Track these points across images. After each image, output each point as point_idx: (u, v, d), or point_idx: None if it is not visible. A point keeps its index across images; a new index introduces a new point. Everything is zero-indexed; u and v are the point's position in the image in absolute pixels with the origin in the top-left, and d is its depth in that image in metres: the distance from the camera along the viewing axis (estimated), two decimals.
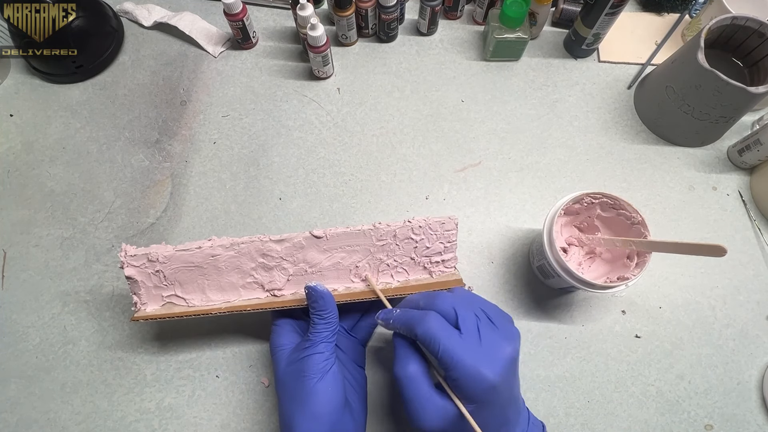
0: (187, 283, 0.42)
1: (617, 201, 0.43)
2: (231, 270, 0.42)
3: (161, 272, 0.41)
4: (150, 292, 0.42)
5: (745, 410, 0.47)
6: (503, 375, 0.33)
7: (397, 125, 0.59)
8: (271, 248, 0.42)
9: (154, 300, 0.42)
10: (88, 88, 0.61)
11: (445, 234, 0.43)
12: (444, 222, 0.43)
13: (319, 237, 0.42)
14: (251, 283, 0.43)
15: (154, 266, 0.41)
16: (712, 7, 0.59)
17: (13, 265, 0.52)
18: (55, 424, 0.46)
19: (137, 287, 0.42)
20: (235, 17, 0.58)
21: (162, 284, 0.42)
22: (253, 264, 0.42)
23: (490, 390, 0.32)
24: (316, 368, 0.37)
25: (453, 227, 0.43)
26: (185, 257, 0.41)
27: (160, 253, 0.41)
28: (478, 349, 0.33)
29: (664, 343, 0.49)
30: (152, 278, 0.42)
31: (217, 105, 0.60)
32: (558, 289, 0.50)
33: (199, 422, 0.46)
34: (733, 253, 0.53)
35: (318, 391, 0.36)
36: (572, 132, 0.59)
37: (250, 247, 0.42)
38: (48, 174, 0.56)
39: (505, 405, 0.34)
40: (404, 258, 0.44)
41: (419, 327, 0.33)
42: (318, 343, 0.38)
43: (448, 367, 0.32)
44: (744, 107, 0.51)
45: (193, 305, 0.42)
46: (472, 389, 0.32)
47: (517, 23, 0.57)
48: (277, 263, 0.42)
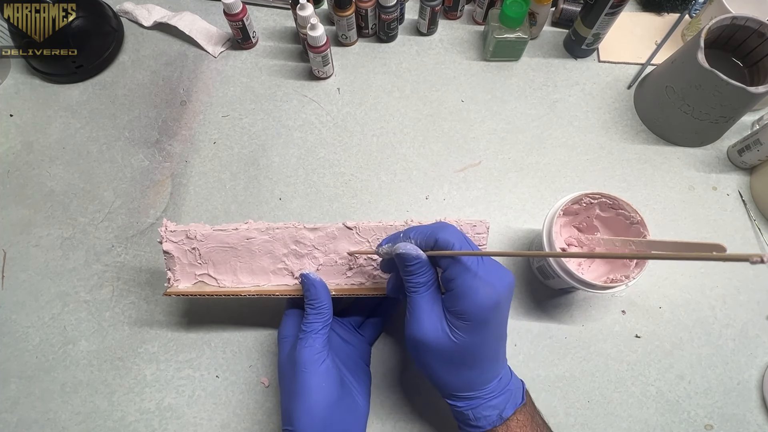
0: (220, 264, 0.43)
1: (616, 201, 0.43)
2: (263, 254, 0.43)
3: (197, 250, 0.42)
4: (184, 269, 0.43)
5: (745, 410, 0.47)
6: (506, 297, 0.34)
7: (397, 125, 0.59)
8: (305, 236, 0.42)
9: (187, 277, 0.43)
10: (88, 88, 0.61)
11: (476, 237, 0.43)
12: (475, 225, 0.43)
13: (351, 228, 0.42)
14: (281, 269, 0.43)
15: (192, 243, 0.42)
16: (712, 7, 0.59)
17: (13, 265, 0.52)
18: (55, 424, 0.46)
19: (173, 263, 0.42)
20: (235, 17, 0.58)
21: (197, 262, 0.43)
22: (285, 250, 0.43)
23: (494, 307, 0.33)
24: (309, 361, 0.37)
25: (484, 230, 0.43)
26: (221, 237, 0.42)
27: (198, 231, 0.42)
28: (486, 268, 0.34)
29: (664, 343, 0.49)
30: (188, 255, 0.42)
31: (217, 105, 0.60)
32: (558, 289, 0.50)
33: (199, 422, 0.46)
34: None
35: (311, 386, 0.37)
36: (572, 132, 0.59)
37: (284, 233, 0.42)
38: (48, 174, 0.56)
39: (497, 336, 0.35)
40: None
41: (441, 233, 0.33)
42: (309, 335, 0.38)
43: (458, 275, 0.33)
44: (744, 107, 0.51)
45: (224, 286, 0.43)
46: (477, 303, 0.32)
47: (517, 23, 0.57)
48: (308, 251, 0.43)
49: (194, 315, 0.50)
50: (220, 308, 0.50)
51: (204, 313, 0.50)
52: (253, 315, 0.50)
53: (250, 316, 0.50)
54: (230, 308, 0.50)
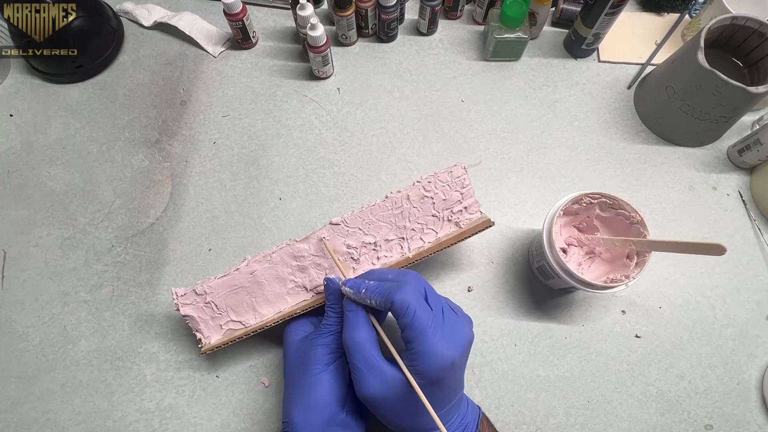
0: (237, 306, 0.44)
1: (616, 201, 0.43)
2: (272, 281, 0.43)
3: (212, 303, 0.43)
4: (208, 324, 0.44)
5: (745, 410, 0.47)
6: (462, 355, 0.34)
7: (397, 125, 0.59)
8: (300, 249, 0.43)
9: (214, 330, 0.44)
10: (88, 88, 0.61)
11: (457, 181, 0.43)
12: (452, 170, 0.43)
13: (337, 224, 0.42)
14: (294, 288, 0.44)
15: (204, 298, 0.43)
16: (712, 7, 0.59)
17: (13, 265, 0.52)
18: (55, 424, 0.46)
19: (196, 323, 0.43)
20: (235, 17, 0.58)
21: (216, 313, 0.43)
22: (288, 269, 0.43)
23: (449, 367, 0.33)
24: (321, 359, 0.37)
25: (462, 172, 0.43)
26: (227, 282, 0.43)
27: (204, 286, 0.43)
28: (443, 326, 0.34)
29: (664, 343, 0.49)
30: (206, 311, 0.43)
31: (217, 105, 0.60)
32: (558, 289, 0.50)
33: (199, 422, 0.46)
34: (733, 253, 0.53)
35: (320, 382, 0.37)
36: (572, 132, 0.59)
37: (281, 253, 0.43)
38: (48, 174, 0.56)
39: (454, 387, 0.35)
40: (427, 217, 0.44)
41: (397, 294, 0.33)
42: (326, 335, 0.38)
43: (415, 338, 0.33)
44: (744, 107, 0.51)
45: (249, 324, 0.44)
46: (432, 364, 0.32)
47: (517, 23, 0.57)
48: (310, 261, 0.43)
49: None
50: None
51: None
52: None
53: None
54: None
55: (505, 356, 0.48)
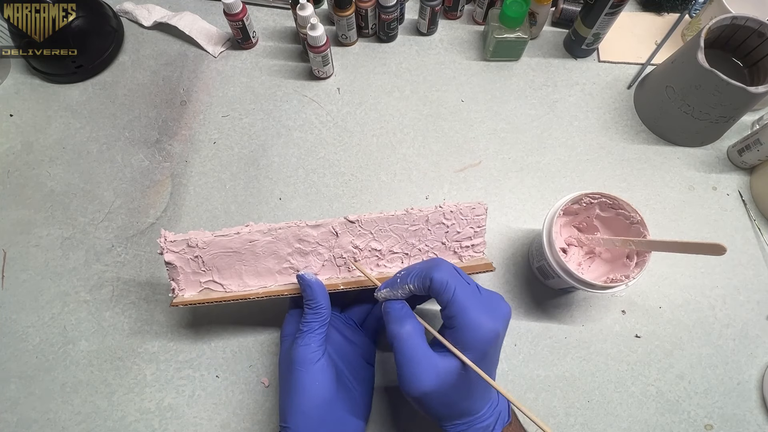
0: (224, 269, 0.42)
1: (616, 201, 0.43)
2: (268, 255, 0.42)
3: (200, 258, 0.42)
4: (188, 278, 0.42)
5: (745, 410, 0.47)
6: (504, 328, 0.34)
7: (397, 125, 0.59)
8: (308, 233, 0.42)
9: (192, 286, 0.43)
10: (88, 88, 0.61)
11: (475, 219, 0.44)
12: (474, 207, 0.43)
13: (353, 222, 0.42)
14: (287, 269, 0.43)
15: (193, 252, 0.41)
16: (712, 7, 0.59)
17: (13, 265, 0.52)
18: (55, 424, 0.46)
19: (176, 273, 0.42)
20: (235, 17, 0.58)
21: (200, 270, 0.42)
22: (289, 249, 0.43)
23: (494, 339, 0.33)
24: (304, 360, 0.37)
25: (483, 212, 0.44)
26: (223, 242, 0.41)
27: (199, 239, 0.41)
28: (483, 300, 0.34)
29: (664, 343, 0.49)
30: (191, 264, 0.42)
31: (217, 105, 0.60)
32: (558, 289, 0.50)
33: (199, 422, 0.46)
34: (733, 253, 0.53)
35: (305, 384, 0.37)
36: (572, 132, 0.59)
37: (287, 232, 0.42)
38: (48, 174, 0.56)
39: (493, 364, 0.35)
40: (435, 243, 0.44)
41: (435, 273, 0.34)
42: (306, 335, 0.38)
43: (459, 313, 0.33)
44: (744, 107, 0.51)
45: (230, 291, 0.43)
46: (478, 337, 0.32)
47: (517, 23, 0.57)
48: (312, 248, 0.43)
49: (195, 315, 0.50)
50: (221, 309, 0.50)
51: (204, 313, 0.50)
52: (254, 315, 0.50)
53: (250, 316, 0.50)
54: (231, 309, 0.50)
55: (504, 356, 0.48)
